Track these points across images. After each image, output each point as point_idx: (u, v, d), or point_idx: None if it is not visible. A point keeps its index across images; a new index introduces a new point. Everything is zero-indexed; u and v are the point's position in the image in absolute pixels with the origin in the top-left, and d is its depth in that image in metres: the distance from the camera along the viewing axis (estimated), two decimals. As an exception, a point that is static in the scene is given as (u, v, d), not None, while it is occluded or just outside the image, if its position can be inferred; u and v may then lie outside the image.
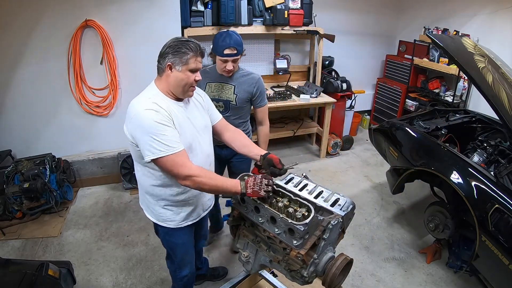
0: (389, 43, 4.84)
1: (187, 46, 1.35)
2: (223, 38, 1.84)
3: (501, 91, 2.11)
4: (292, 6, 3.63)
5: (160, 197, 1.49)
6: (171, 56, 1.35)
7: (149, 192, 1.51)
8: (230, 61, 1.87)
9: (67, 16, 2.82)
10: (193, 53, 1.36)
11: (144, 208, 1.62)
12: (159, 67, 1.40)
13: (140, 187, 1.56)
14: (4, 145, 3.03)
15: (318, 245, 1.27)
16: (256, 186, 1.32)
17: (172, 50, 1.34)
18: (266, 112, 2.14)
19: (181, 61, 1.35)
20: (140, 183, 1.53)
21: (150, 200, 1.53)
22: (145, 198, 1.56)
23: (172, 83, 1.39)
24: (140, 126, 1.29)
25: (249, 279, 1.99)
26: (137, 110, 1.31)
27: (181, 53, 1.34)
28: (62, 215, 2.89)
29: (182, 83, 1.38)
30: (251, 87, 2.00)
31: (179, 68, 1.36)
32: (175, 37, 1.41)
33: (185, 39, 1.39)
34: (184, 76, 1.37)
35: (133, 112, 1.32)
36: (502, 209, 1.80)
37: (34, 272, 1.62)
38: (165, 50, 1.36)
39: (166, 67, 1.36)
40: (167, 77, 1.38)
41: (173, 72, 1.37)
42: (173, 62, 1.35)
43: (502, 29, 3.44)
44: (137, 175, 1.53)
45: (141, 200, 1.63)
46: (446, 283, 2.32)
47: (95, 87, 3.11)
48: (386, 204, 3.20)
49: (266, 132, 2.17)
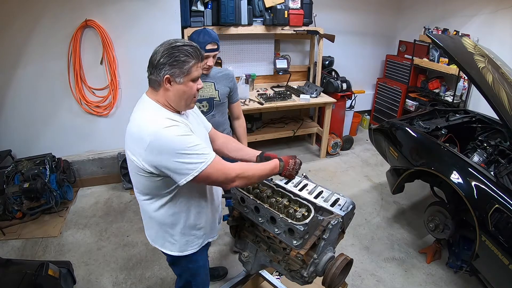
0: (389, 43, 4.84)
1: (186, 53, 1.15)
2: (202, 35, 1.87)
3: (501, 91, 2.11)
4: (292, 6, 3.63)
5: (181, 223, 1.32)
6: (168, 68, 1.14)
7: (166, 224, 1.31)
8: (211, 57, 1.90)
9: (67, 16, 2.82)
10: (195, 60, 1.17)
11: (160, 244, 1.38)
12: (153, 80, 1.18)
13: (152, 222, 1.34)
14: (4, 145, 3.03)
15: (318, 245, 1.27)
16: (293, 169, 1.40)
17: (169, 60, 1.13)
18: (240, 106, 2.24)
19: (182, 71, 1.15)
20: (152, 217, 1.31)
21: (168, 232, 1.33)
22: (160, 232, 1.35)
23: (172, 97, 1.19)
24: (165, 149, 1.09)
25: (252, 281, 1.99)
26: (153, 133, 1.09)
27: (180, 62, 1.14)
28: (62, 215, 2.89)
29: (184, 96, 1.20)
30: (229, 82, 2.06)
31: (180, 80, 1.16)
32: (167, 41, 1.18)
33: (181, 43, 1.17)
34: (186, 88, 1.19)
35: (147, 137, 1.09)
36: (502, 209, 1.80)
37: (34, 272, 1.62)
38: (160, 59, 1.13)
39: (163, 80, 1.15)
40: (165, 91, 1.18)
41: (173, 85, 1.17)
42: (172, 74, 1.15)
43: (502, 29, 3.44)
44: (147, 209, 1.30)
45: (154, 238, 1.39)
46: (446, 283, 2.32)
47: (95, 87, 3.11)
48: (386, 204, 3.20)
49: (244, 126, 2.24)
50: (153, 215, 1.30)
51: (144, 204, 1.30)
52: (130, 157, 1.18)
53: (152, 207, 1.28)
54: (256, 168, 1.29)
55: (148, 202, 1.28)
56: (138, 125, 1.15)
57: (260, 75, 4.10)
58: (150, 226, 1.38)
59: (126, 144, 1.21)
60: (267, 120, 4.22)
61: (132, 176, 1.26)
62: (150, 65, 1.17)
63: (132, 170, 1.22)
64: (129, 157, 1.19)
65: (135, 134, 1.14)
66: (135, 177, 1.23)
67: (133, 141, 1.15)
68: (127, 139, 1.20)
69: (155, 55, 1.15)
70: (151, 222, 1.35)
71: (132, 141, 1.16)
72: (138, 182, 1.23)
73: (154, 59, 1.15)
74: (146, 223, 1.40)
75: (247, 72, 3.92)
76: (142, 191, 1.26)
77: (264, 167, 1.31)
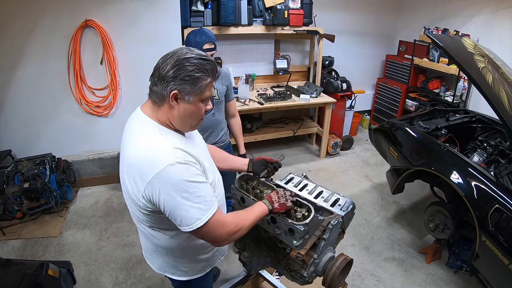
0: (389, 43, 4.84)
1: (203, 69, 0.97)
2: (199, 35, 1.90)
3: (501, 91, 2.11)
4: (292, 6, 3.63)
5: (192, 249, 1.21)
6: (179, 82, 0.96)
7: (175, 252, 1.20)
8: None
9: (67, 16, 2.82)
10: (211, 78, 1.00)
11: (170, 272, 1.25)
12: (157, 93, 1.00)
13: (159, 251, 1.21)
14: (4, 145, 3.03)
15: (318, 245, 1.27)
16: (282, 198, 1.19)
17: (180, 73, 0.95)
18: (236, 104, 2.29)
19: (194, 89, 0.98)
20: (159, 246, 1.18)
21: (179, 261, 1.22)
22: (170, 261, 1.23)
23: (176, 117, 1.02)
24: (168, 191, 0.94)
25: (252, 281, 1.99)
26: (158, 168, 0.93)
27: (194, 78, 0.97)
28: (62, 215, 2.89)
29: (191, 117, 1.04)
30: (226, 81, 2.10)
31: (189, 99, 0.99)
32: (179, 50, 1.00)
33: (196, 55, 0.98)
34: (195, 109, 1.02)
35: (150, 171, 0.94)
36: (502, 209, 1.80)
37: (34, 272, 1.62)
38: (169, 71, 0.96)
39: (169, 96, 0.98)
40: (170, 109, 1.01)
41: (179, 103, 1.00)
42: (181, 90, 0.97)
43: (502, 29, 3.44)
44: (152, 239, 1.17)
45: (162, 267, 1.26)
46: (446, 283, 2.32)
47: (95, 87, 3.11)
48: (386, 204, 3.20)
49: (240, 123, 2.28)
50: (158, 243, 1.17)
51: (147, 231, 1.16)
52: (128, 190, 1.03)
53: (155, 233, 1.14)
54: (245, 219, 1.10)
55: (151, 229, 1.14)
56: (138, 158, 0.98)
57: (260, 75, 4.10)
58: (156, 255, 1.23)
59: (123, 174, 1.05)
60: (267, 120, 4.22)
61: (129, 204, 1.10)
62: (155, 74, 0.99)
63: (129, 199, 1.06)
64: (126, 187, 1.04)
65: (135, 167, 0.98)
66: (132, 207, 1.08)
67: (132, 175, 1.00)
68: (123, 165, 1.04)
69: (163, 65, 0.98)
70: (158, 251, 1.21)
71: (130, 175, 1.00)
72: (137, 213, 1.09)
73: (162, 69, 0.97)
74: (150, 251, 1.25)
75: (247, 72, 3.92)
76: (148, 224, 1.11)
77: (253, 217, 1.14)
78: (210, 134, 2.07)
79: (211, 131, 2.08)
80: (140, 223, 1.16)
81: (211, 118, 2.04)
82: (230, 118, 2.24)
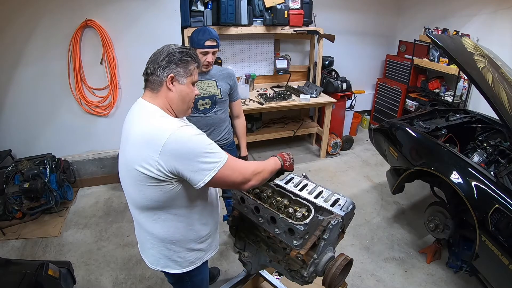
0: (389, 43, 4.84)
1: (190, 55, 1.16)
2: (202, 32, 1.93)
3: (501, 91, 2.11)
4: (292, 6, 3.63)
5: (188, 237, 1.26)
6: (174, 66, 1.12)
7: (171, 241, 1.24)
8: (210, 53, 1.95)
9: (67, 16, 2.82)
10: (196, 63, 1.19)
11: (164, 264, 1.29)
12: (154, 80, 1.13)
13: (153, 240, 1.25)
14: (4, 145, 3.03)
15: (318, 245, 1.27)
16: (291, 160, 1.36)
17: (174, 59, 1.12)
18: (241, 105, 2.30)
19: (186, 72, 1.15)
20: (154, 234, 1.23)
21: (174, 249, 1.26)
22: (164, 251, 1.26)
23: (174, 99, 1.15)
24: (183, 149, 1.04)
25: (252, 281, 1.99)
26: (168, 133, 1.03)
27: (185, 62, 1.14)
28: (62, 215, 2.89)
29: (187, 98, 1.18)
30: (230, 80, 2.11)
31: (183, 81, 1.15)
32: (167, 45, 1.18)
33: (182, 46, 1.18)
34: (188, 90, 1.17)
35: (162, 139, 1.03)
36: (502, 209, 1.80)
37: (34, 272, 1.62)
38: (164, 58, 1.12)
39: (166, 79, 1.12)
40: (167, 92, 1.14)
41: (175, 85, 1.14)
42: (176, 73, 1.13)
43: (502, 29, 3.44)
44: (148, 226, 1.22)
45: (156, 259, 1.29)
46: (446, 283, 2.32)
47: (95, 87, 3.11)
48: (386, 204, 3.20)
49: (244, 124, 2.30)
50: (155, 232, 1.21)
51: (145, 221, 1.21)
52: (135, 168, 1.08)
53: (154, 223, 1.20)
54: (265, 165, 1.25)
55: (150, 218, 1.19)
56: (147, 129, 1.07)
57: (260, 75, 4.10)
58: (151, 245, 1.27)
59: (128, 155, 1.11)
60: (267, 120, 4.22)
61: (133, 191, 1.16)
62: (151, 63, 1.13)
63: (134, 183, 1.12)
64: (132, 168, 1.09)
65: (144, 138, 1.06)
66: (138, 189, 1.13)
67: (141, 147, 1.06)
68: (130, 149, 1.10)
69: (158, 55, 1.14)
70: (153, 240, 1.25)
71: (139, 148, 1.07)
72: (142, 195, 1.13)
73: (158, 57, 1.13)
74: (146, 243, 1.29)
75: (247, 72, 3.92)
76: (145, 205, 1.16)
77: (271, 166, 1.28)
78: (212, 131, 2.09)
79: (214, 128, 2.10)
80: (140, 210, 1.19)
81: (214, 115, 2.07)
82: (234, 118, 2.26)
